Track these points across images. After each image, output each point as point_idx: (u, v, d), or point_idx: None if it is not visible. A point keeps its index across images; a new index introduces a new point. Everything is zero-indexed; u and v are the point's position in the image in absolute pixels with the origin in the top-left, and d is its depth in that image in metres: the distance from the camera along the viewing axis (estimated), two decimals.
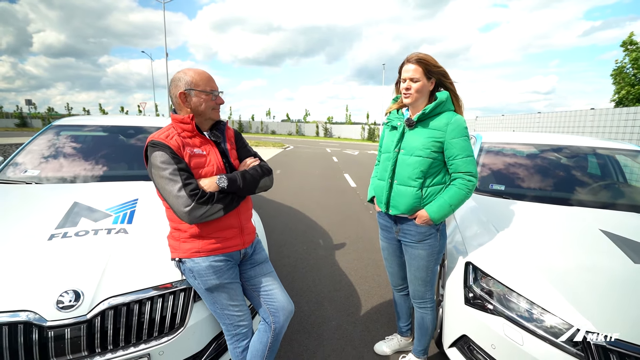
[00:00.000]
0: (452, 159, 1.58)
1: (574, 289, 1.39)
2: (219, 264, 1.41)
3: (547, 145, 2.76)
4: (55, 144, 2.55)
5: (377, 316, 2.51)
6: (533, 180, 2.47)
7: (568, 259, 1.59)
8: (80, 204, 1.85)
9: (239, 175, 1.40)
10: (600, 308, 1.30)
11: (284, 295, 1.56)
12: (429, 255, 1.68)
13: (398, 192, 1.65)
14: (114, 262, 1.44)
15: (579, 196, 2.29)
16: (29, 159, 2.40)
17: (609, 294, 1.36)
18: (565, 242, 1.74)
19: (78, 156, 2.46)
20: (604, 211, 2.07)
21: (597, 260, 1.56)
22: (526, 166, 2.59)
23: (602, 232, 1.74)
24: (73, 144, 2.57)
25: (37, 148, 2.50)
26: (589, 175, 2.55)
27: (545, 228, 1.90)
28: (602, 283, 1.42)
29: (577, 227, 1.87)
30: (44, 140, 2.58)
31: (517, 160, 2.67)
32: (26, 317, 1.20)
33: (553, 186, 2.41)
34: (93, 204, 1.86)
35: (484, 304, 1.56)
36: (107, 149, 2.60)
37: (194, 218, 1.27)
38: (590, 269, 1.50)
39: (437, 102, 1.57)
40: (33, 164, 2.36)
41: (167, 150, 1.30)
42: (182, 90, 1.35)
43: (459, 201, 1.57)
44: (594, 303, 1.32)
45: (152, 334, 1.39)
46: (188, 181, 1.28)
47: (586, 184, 2.43)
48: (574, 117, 12.61)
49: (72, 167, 2.35)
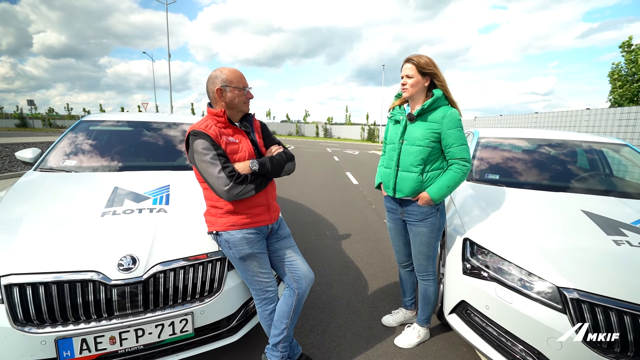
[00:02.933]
0: (449, 147, 1.81)
1: (556, 257, 1.63)
2: (250, 236, 1.64)
3: (538, 139, 3.01)
4: (86, 137, 2.78)
5: (383, 295, 2.74)
6: (525, 171, 2.71)
7: (552, 234, 1.82)
8: (121, 188, 2.08)
9: (268, 160, 1.63)
10: (577, 269, 1.54)
11: (305, 265, 1.79)
12: (431, 232, 1.91)
13: (402, 177, 1.89)
14: (160, 235, 1.67)
15: (566, 184, 2.53)
16: (65, 151, 2.63)
17: (586, 259, 1.59)
18: (551, 220, 1.98)
19: (109, 148, 2.69)
20: (587, 196, 2.30)
21: (577, 234, 1.79)
22: (519, 158, 2.84)
23: (583, 212, 1.98)
24: (103, 138, 2.80)
25: (70, 142, 2.73)
26: (577, 166, 2.79)
27: (533, 210, 2.13)
28: (580, 251, 1.65)
29: (562, 208, 2.10)
30: (75, 134, 2.81)
31: (511, 153, 2.91)
32: (94, 276, 1.43)
33: (544, 176, 2.65)
34: (132, 188, 2.09)
35: (480, 272, 1.80)
36: (136, 142, 2.84)
37: (232, 196, 1.50)
38: (570, 241, 1.74)
39: (434, 98, 1.81)
40: (69, 155, 2.59)
41: (207, 138, 1.52)
42: (218, 86, 1.58)
43: (455, 183, 1.81)
44: (572, 266, 1.56)
45: (195, 296, 1.62)
46: (226, 164, 1.51)
47: (573, 174, 2.67)
48: (571, 117, 12.90)
49: (105, 158, 2.58)
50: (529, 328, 1.52)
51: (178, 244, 1.67)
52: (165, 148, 2.84)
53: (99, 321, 1.42)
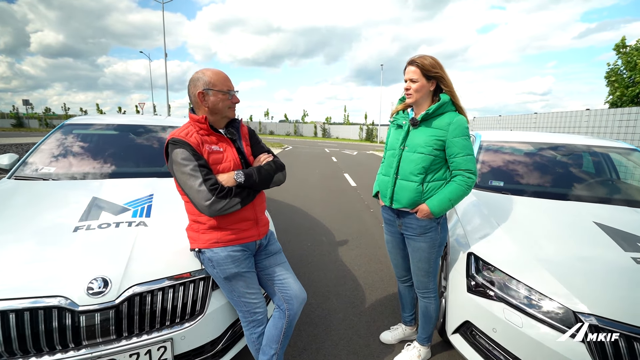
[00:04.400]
0: (453, 157, 1.67)
1: (569, 276, 1.49)
2: (236, 253, 1.50)
3: (543, 143, 2.87)
4: (68, 142, 2.62)
5: (382, 308, 2.60)
6: (530, 177, 2.58)
7: (564, 249, 1.69)
8: (100, 199, 1.93)
9: (255, 171, 1.48)
10: (594, 292, 1.40)
11: (297, 283, 1.65)
12: (430, 247, 1.77)
13: (401, 186, 1.75)
14: (137, 252, 1.52)
15: (574, 191, 2.40)
16: (44, 156, 2.48)
17: (602, 279, 1.46)
18: (562, 233, 1.84)
19: (92, 154, 2.53)
20: (598, 205, 2.17)
21: (591, 249, 1.66)
22: (523, 163, 2.70)
23: (596, 224, 1.84)
24: (87, 142, 2.64)
25: (50, 146, 2.57)
26: (584, 172, 2.66)
27: (542, 221, 2.00)
28: (595, 270, 1.52)
29: (572, 220, 1.97)
30: (57, 138, 2.66)
31: (515, 158, 2.78)
32: (59, 302, 1.28)
33: (550, 182, 2.51)
34: (111, 199, 1.95)
35: (486, 291, 1.66)
36: (120, 147, 2.69)
37: (214, 211, 1.36)
38: (585, 258, 1.60)
39: (439, 103, 1.67)
40: (48, 161, 2.43)
41: (187, 147, 1.38)
42: (200, 89, 1.44)
43: (458, 197, 1.67)
44: (587, 288, 1.42)
45: (174, 320, 1.47)
46: (208, 176, 1.36)
47: (581, 180, 2.53)
48: (570, 118, 12.81)
49: (87, 164, 2.43)
50: (541, 356, 1.39)
51: (158, 262, 1.52)
52: (152, 153, 2.69)
53: (65, 352, 1.27)
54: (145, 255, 1.53)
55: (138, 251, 1.53)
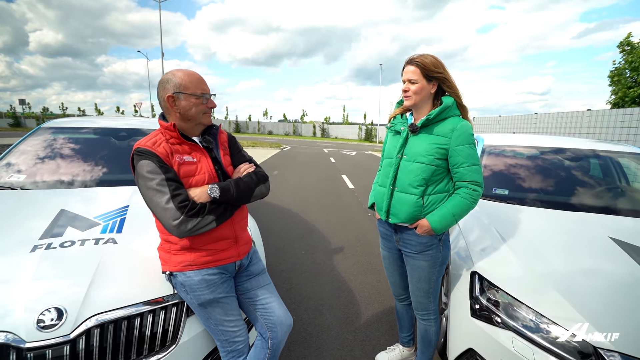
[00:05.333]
0: (457, 167, 1.51)
1: (586, 301, 1.33)
2: (212, 277, 1.33)
3: (551, 148, 2.69)
4: (43, 147, 2.45)
5: (378, 324, 2.44)
6: (538, 185, 2.41)
7: (579, 270, 1.53)
8: (68, 212, 1.76)
9: (232, 184, 1.32)
10: (615, 322, 1.24)
11: (281, 308, 1.48)
12: (431, 266, 1.61)
13: (398, 199, 1.58)
14: (102, 276, 1.35)
15: (585, 201, 2.23)
16: (15, 163, 2.30)
17: (625, 307, 1.30)
18: (575, 250, 1.68)
19: (67, 160, 2.36)
20: (613, 217, 2.01)
21: (608, 270, 1.50)
22: (530, 170, 2.53)
23: (612, 240, 1.68)
24: (62, 147, 2.47)
25: (24, 151, 2.40)
26: (596, 180, 2.49)
27: (552, 235, 1.83)
28: (615, 294, 1.36)
29: (585, 234, 1.81)
30: (32, 143, 2.48)
31: (521, 164, 2.61)
32: (3, 338, 1.11)
33: (558, 191, 2.35)
34: (81, 211, 1.77)
35: (491, 316, 1.49)
36: (99, 151, 2.51)
37: (183, 232, 1.19)
38: (603, 280, 1.44)
39: (442, 107, 1.50)
40: (19, 168, 2.26)
41: (154, 158, 1.21)
42: (170, 93, 1.27)
43: (462, 211, 1.51)
44: (608, 317, 1.26)
45: (142, 352, 1.30)
46: (177, 192, 1.19)
47: (593, 189, 2.36)
48: (571, 118, 12.65)
49: (61, 171, 2.26)
50: None
51: (125, 287, 1.36)
52: None
53: None
54: (111, 279, 1.35)
55: (102, 274, 1.36)
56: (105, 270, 1.37)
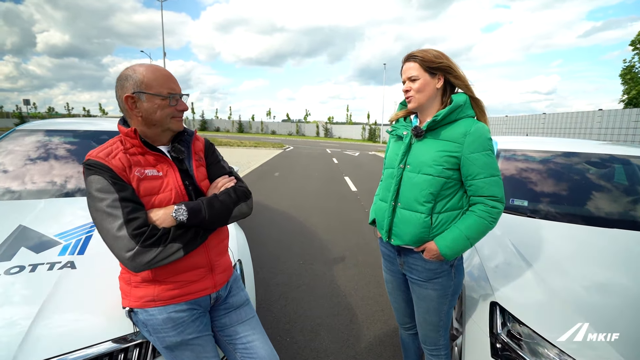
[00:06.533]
0: (472, 179, 1.26)
1: (630, 341, 1.08)
2: (180, 314, 1.10)
3: (577, 153, 2.41)
4: (13, 152, 2.24)
5: (381, 349, 2.20)
6: (561, 195, 2.15)
7: (618, 299, 1.28)
8: (27, 228, 1.55)
9: (205, 204, 1.08)
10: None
11: (266, 348, 1.25)
12: (441, 296, 1.36)
13: (402, 217, 1.33)
14: (48, 313, 1.13)
15: (620, 216, 1.97)
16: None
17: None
18: (614, 276, 1.43)
19: (37, 167, 2.15)
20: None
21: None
22: (552, 177, 2.27)
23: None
24: (34, 152, 2.26)
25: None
26: (628, 189, 2.22)
27: (584, 256, 1.59)
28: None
29: (625, 256, 1.56)
30: (1, 148, 2.27)
31: (541, 170, 2.35)
32: None
33: (588, 203, 2.09)
34: (42, 227, 1.56)
35: (516, 357, 1.25)
36: (75, 157, 2.29)
37: (139, 265, 0.96)
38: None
39: (452, 107, 1.26)
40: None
41: (105, 173, 0.99)
42: (129, 93, 1.04)
43: (479, 233, 1.26)
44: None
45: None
46: (132, 215, 0.96)
47: (630, 202, 2.10)
48: (581, 118, 12.29)
49: (28, 180, 2.04)
50: None
51: (77, 325, 1.14)
52: None
53: None
54: (60, 316, 1.14)
55: (51, 310, 1.14)
56: (54, 305, 1.15)
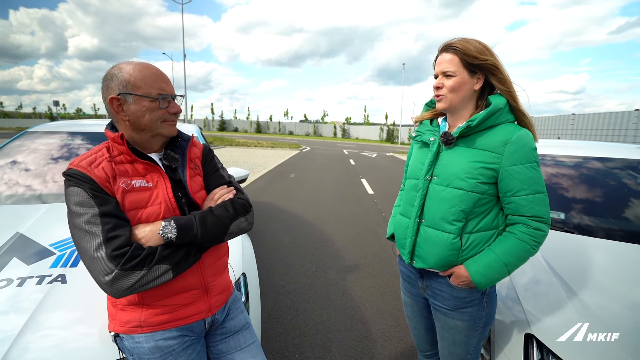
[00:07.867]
0: (511, 195, 1.07)
1: None
2: (169, 342, 0.98)
3: (622, 160, 2.15)
4: (22, 154, 2.21)
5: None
6: (603, 207, 1.91)
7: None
8: (24, 236, 1.48)
9: (197, 219, 0.96)
10: None
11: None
12: (470, 328, 1.18)
13: (427, 237, 1.16)
14: (31, 334, 1.03)
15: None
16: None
17: None
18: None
19: (45, 170, 2.10)
20: None
21: None
22: (595, 187, 2.02)
23: None
24: (43, 155, 2.22)
25: None
26: None
27: (634, 279, 1.37)
28: None
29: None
30: (10, 150, 2.25)
31: (580, 178, 2.10)
32: None
33: (633, 216, 1.84)
34: (38, 235, 1.48)
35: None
36: None
37: (119, 291, 0.84)
38: None
39: (490, 110, 1.07)
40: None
41: (85, 185, 0.87)
42: (114, 94, 0.93)
43: (518, 259, 1.07)
44: None
45: None
46: (113, 233, 0.85)
47: None
48: (615, 119, 11.55)
49: (34, 184, 2.00)
50: None
51: (60, 350, 1.04)
52: None
53: None
54: (43, 338, 1.04)
55: (32, 331, 1.04)
56: (37, 326, 1.06)
